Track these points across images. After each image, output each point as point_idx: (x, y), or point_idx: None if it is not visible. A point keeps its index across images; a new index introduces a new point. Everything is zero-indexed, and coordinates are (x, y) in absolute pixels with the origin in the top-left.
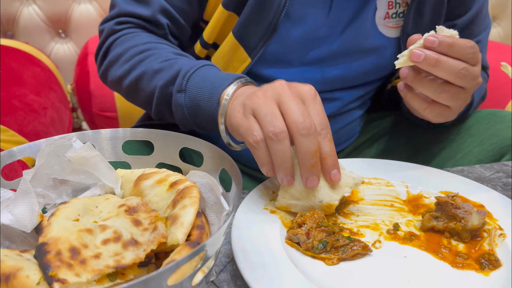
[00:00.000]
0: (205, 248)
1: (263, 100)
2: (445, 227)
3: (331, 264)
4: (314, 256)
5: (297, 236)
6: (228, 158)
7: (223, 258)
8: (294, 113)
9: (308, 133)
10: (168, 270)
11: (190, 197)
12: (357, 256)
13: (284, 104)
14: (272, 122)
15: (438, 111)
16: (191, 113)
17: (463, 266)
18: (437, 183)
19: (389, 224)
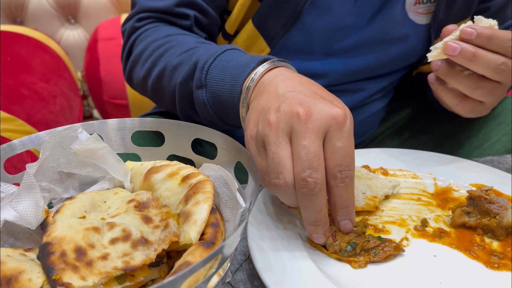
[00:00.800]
0: (222, 251)
1: (274, 135)
2: (477, 224)
3: (358, 267)
4: (341, 258)
5: None
6: (244, 150)
7: (238, 256)
8: (299, 163)
9: (310, 193)
10: (182, 276)
11: (204, 192)
12: (389, 258)
13: (294, 146)
14: (277, 172)
15: (471, 107)
16: (216, 110)
17: (499, 266)
18: (466, 175)
19: (417, 219)
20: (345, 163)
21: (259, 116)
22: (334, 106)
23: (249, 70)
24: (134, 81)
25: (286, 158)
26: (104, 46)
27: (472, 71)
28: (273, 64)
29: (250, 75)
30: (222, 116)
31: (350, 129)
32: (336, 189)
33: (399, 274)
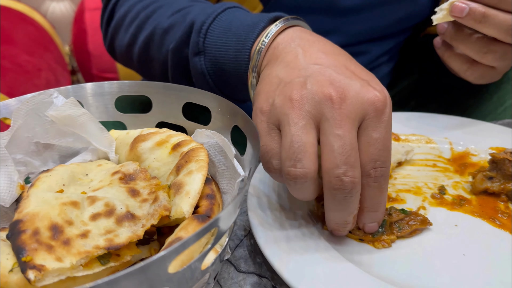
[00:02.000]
0: (218, 224)
1: (296, 116)
2: (501, 189)
3: (382, 247)
4: (363, 239)
5: None
6: (241, 112)
7: (238, 231)
8: (333, 157)
9: (343, 196)
10: (172, 253)
11: (197, 160)
12: (415, 232)
13: (324, 135)
14: (296, 159)
15: (481, 73)
16: (217, 81)
17: None
18: (485, 138)
19: (434, 187)
20: (382, 158)
21: (275, 89)
22: (372, 89)
23: (258, 31)
24: (117, 51)
25: (310, 144)
26: (91, 17)
27: (482, 34)
28: (287, 23)
29: (260, 37)
30: (224, 87)
31: (389, 118)
32: (368, 189)
33: (417, 247)
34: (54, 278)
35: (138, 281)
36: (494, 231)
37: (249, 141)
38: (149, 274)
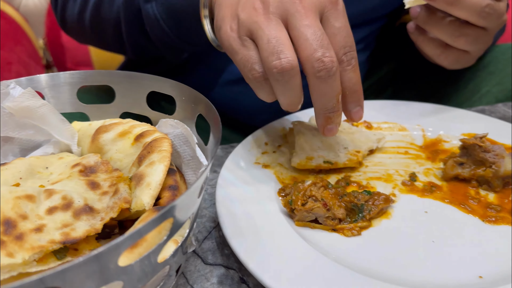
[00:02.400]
0: (173, 213)
1: (265, 19)
2: (472, 175)
3: (351, 235)
4: (336, 228)
5: (313, 212)
6: (204, 100)
7: (207, 223)
8: (309, 44)
9: (328, 75)
10: (121, 243)
11: (160, 151)
12: (382, 212)
13: (295, 28)
14: (277, 52)
15: (455, 57)
16: (171, 25)
17: (496, 220)
18: (457, 125)
19: (405, 174)
20: (349, 43)
21: (236, 7)
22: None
23: None
24: (68, 21)
25: (285, 37)
26: None
27: (454, 17)
28: None
29: None
30: (180, 32)
31: (344, 8)
32: (344, 74)
33: (386, 235)
34: (5, 275)
35: (89, 273)
36: (463, 217)
37: (211, 128)
38: (100, 265)
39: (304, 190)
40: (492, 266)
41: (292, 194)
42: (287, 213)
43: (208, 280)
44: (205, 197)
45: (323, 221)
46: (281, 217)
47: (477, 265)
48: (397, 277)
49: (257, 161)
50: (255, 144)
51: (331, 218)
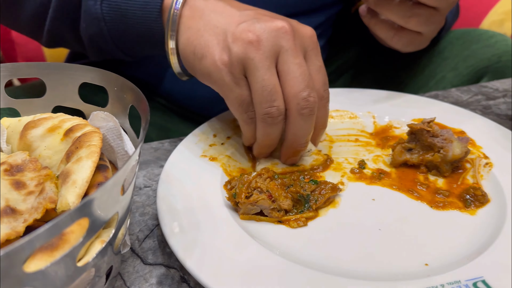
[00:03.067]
0: (89, 212)
1: (261, 58)
2: (420, 160)
3: (297, 226)
4: (281, 220)
5: (258, 204)
6: (135, 90)
7: (150, 221)
8: (298, 82)
9: (310, 113)
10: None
11: (88, 146)
12: (329, 201)
13: (285, 64)
14: (271, 100)
15: (408, 39)
16: (113, 29)
17: (444, 205)
18: (408, 110)
19: (354, 162)
20: (326, 82)
21: (225, 38)
22: (303, 25)
23: None
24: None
25: (278, 84)
26: None
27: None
28: None
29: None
30: (120, 40)
31: (320, 52)
32: (321, 110)
33: (333, 225)
34: None
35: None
36: (411, 203)
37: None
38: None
39: (248, 182)
40: (438, 253)
41: (237, 187)
42: (232, 207)
43: (147, 281)
44: (149, 194)
45: (268, 213)
46: (226, 212)
47: (423, 253)
48: (342, 268)
49: (204, 154)
50: (203, 136)
51: (277, 210)
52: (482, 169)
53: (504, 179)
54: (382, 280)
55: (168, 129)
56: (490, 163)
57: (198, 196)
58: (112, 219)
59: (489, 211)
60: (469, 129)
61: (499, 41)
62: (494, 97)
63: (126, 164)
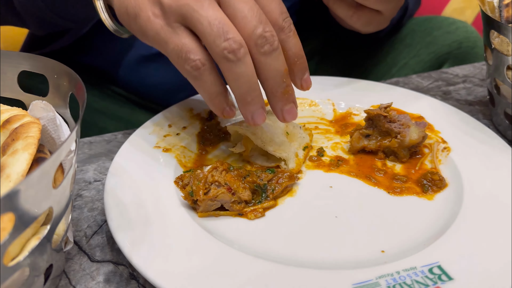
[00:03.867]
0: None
1: (198, 1)
2: (378, 146)
3: (255, 218)
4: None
5: (218, 199)
6: (72, 74)
7: (99, 217)
8: (248, 21)
9: (272, 49)
10: None
11: (25, 137)
12: (287, 190)
13: (229, 6)
14: (224, 34)
15: (367, 18)
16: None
17: (402, 191)
18: (367, 97)
19: (313, 149)
20: (284, 9)
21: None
22: None
23: None
24: None
25: (225, 16)
26: None
27: None
28: None
29: None
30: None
31: None
32: (288, 40)
33: (290, 214)
34: None
35: None
36: (369, 189)
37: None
38: None
39: (204, 177)
40: (395, 240)
41: (192, 184)
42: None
43: (94, 279)
44: (99, 188)
45: (229, 207)
46: (178, 205)
47: (380, 240)
48: (299, 258)
49: (157, 145)
50: (157, 127)
51: (237, 202)
52: (440, 153)
53: (462, 163)
54: (338, 269)
55: (126, 120)
56: (448, 147)
57: (149, 189)
58: (47, 214)
59: (446, 196)
60: (428, 115)
61: (460, 28)
62: (454, 83)
63: (55, 154)
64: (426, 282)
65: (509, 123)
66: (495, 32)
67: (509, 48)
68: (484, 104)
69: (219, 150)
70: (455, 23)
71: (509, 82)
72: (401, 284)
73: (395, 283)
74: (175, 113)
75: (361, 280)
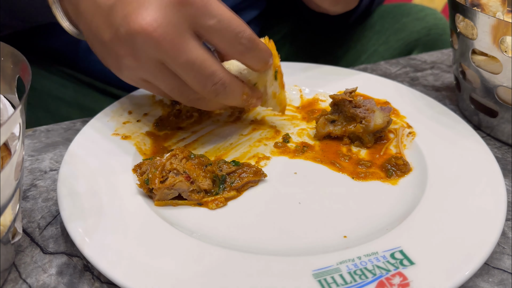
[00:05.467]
0: None
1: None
2: (343, 132)
3: (216, 207)
4: (202, 202)
5: (175, 187)
6: (21, 58)
7: (53, 207)
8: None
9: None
10: None
11: None
12: (248, 185)
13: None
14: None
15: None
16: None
17: (366, 176)
18: (334, 83)
19: (278, 136)
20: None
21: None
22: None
23: None
24: None
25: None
26: None
27: None
28: None
29: None
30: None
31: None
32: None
33: (254, 201)
34: None
35: None
36: (333, 175)
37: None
38: None
39: (162, 165)
40: (358, 225)
41: (149, 171)
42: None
43: (46, 272)
44: (55, 178)
45: (188, 196)
46: (135, 193)
47: (343, 225)
48: (261, 246)
49: (116, 132)
50: (116, 113)
51: (196, 191)
52: (405, 138)
53: (426, 147)
54: (300, 255)
55: (87, 107)
56: (413, 132)
57: (104, 178)
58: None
59: (410, 180)
60: (394, 100)
61: (428, 15)
62: (422, 69)
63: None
64: (387, 267)
65: (475, 108)
66: (460, 16)
67: (474, 31)
68: (451, 90)
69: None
70: (424, 10)
71: (474, 67)
72: (362, 269)
73: (356, 268)
74: (136, 100)
75: (322, 266)
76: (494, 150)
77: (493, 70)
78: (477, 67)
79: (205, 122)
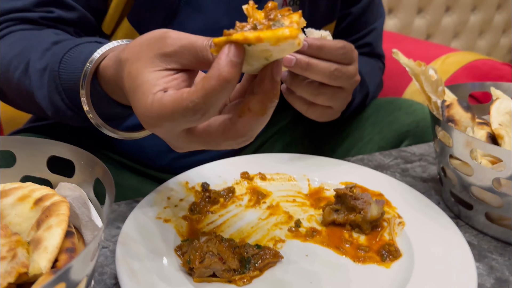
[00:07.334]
0: (67, 276)
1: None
2: (345, 220)
3: (243, 284)
4: (231, 280)
5: (211, 267)
6: (100, 164)
7: (108, 280)
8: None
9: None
10: None
11: (58, 214)
12: (268, 266)
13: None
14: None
15: (320, 112)
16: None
17: (365, 259)
18: (336, 174)
19: (291, 221)
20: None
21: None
22: None
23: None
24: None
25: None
26: None
27: (312, 79)
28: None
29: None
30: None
31: None
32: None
33: (272, 279)
34: None
35: None
36: (338, 258)
37: (106, 191)
38: None
39: (201, 248)
40: None
41: (189, 253)
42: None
43: None
44: (106, 254)
45: (220, 274)
46: (179, 271)
47: None
48: None
49: (158, 216)
50: (158, 199)
51: (227, 270)
52: (396, 227)
53: (414, 236)
54: None
55: (118, 185)
56: (403, 222)
57: (153, 257)
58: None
59: (401, 264)
60: (387, 192)
61: (417, 109)
62: (411, 161)
63: (96, 237)
64: None
65: (454, 201)
66: (439, 127)
67: (450, 141)
68: (436, 182)
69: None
70: (413, 105)
71: (452, 168)
72: None
73: None
74: (173, 186)
75: None
76: (472, 237)
77: (467, 173)
78: (454, 169)
79: (230, 206)
